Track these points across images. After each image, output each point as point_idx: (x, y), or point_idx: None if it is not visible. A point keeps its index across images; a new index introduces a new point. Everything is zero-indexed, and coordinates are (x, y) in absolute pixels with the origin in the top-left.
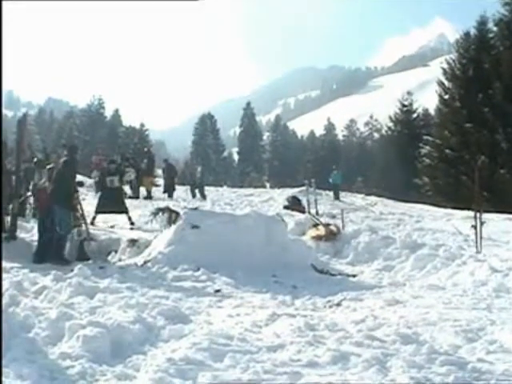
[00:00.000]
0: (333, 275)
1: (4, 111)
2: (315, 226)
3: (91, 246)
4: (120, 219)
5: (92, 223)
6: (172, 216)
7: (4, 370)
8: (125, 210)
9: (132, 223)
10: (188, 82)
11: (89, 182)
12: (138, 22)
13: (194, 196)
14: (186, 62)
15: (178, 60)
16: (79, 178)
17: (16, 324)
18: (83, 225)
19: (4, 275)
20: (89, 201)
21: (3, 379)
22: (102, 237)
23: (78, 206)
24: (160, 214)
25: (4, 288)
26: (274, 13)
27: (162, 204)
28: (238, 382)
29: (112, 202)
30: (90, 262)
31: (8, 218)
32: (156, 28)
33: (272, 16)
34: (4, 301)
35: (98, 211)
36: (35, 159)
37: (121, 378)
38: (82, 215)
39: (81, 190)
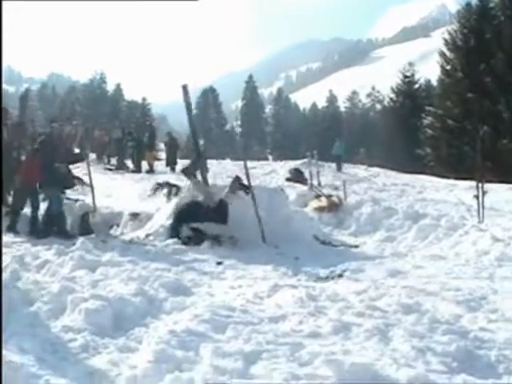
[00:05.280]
0: (335, 246)
1: (5, 87)
2: (317, 197)
3: (95, 218)
4: (124, 193)
5: None
6: (172, 190)
7: (6, 343)
8: None
9: None
10: (189, 55)
11: (92, 156)
12: None
13: None
14: (187, 36)
15: (179, 33)
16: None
17: (18, 298)
18: (88, 198)
19: (6, 250)
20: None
21: (5, 352)
22: (103, 210)
23: (77, 181)
24: (160, 189)
25: (6, 262)
26: None
27: (164, 177)
28: (239, 352)
29: None
30: (93, 235)
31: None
32: (157, 1)
33: None
34: (6, 275)
35: None
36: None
37: (123, 350)
38: (91, 188)
39: (82, 164)
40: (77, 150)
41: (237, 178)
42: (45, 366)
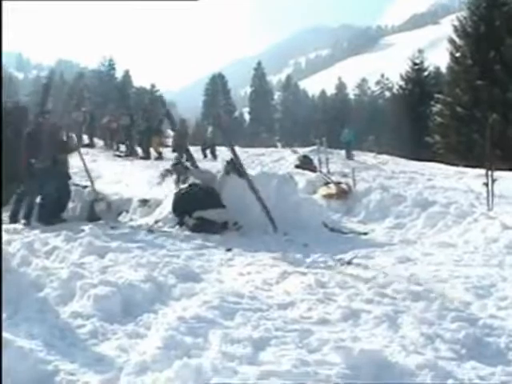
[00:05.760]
0: (344, 233)
1: (15, 73)
2: (326, 184)
3: (100, 206)
4: (133, 179)
5: None
6: (181, 177)
7: (15, 329)
8: None
9: None
10: (198, 41)
11: (100, 143)
12: None
13: (205, 156)
14: (195, 22)
15: (187, 20)
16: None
17: (27, 284)
18: (97, 185)
19: (15, 236)
20: (99, 163)
21: (14, 338)
22: (113, 197)
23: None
24: (169, 175)
25: (15, 248)
26: None
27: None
28: (248, 339)
29: None
30: (101, 222)
31: None
32: None
33: None
34: (15, 261)
35: None
36: None
37: (132, 336)
38: (89, 176)
39: (91, 151)
40: (85, 137)
41: (230, 161)
42: (53, 351)
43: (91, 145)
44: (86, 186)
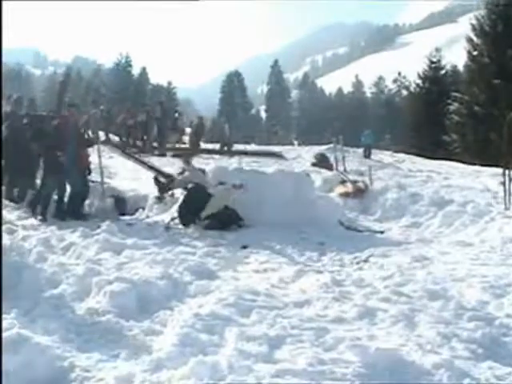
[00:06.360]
0: (360, 232)
1: (31, 70)
2: (343, 182)
3: (106, 203)
4: (149, 176)
5: None
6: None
7: (32, 325)
8: None
9: None
10: (216, 39)
11: (116, 140)
12: None
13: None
14: (213, 20)
15: (205, 17)
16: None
17: (43, 280)
18: (114, 181)
19: (32, 232)
20: (116, 159)
21: (32, 334)
22: (129, 193)
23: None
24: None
25: (32, 244)
26: None
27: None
28: (264, 336)
29: None
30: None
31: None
32: None
33: None
34: (32, 257)
35: None
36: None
37: (148, 333)
38: (101, 173)
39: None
40: (101, 134)
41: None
42: (69, 347)
43: (107, 141)
44: (103, 183)
